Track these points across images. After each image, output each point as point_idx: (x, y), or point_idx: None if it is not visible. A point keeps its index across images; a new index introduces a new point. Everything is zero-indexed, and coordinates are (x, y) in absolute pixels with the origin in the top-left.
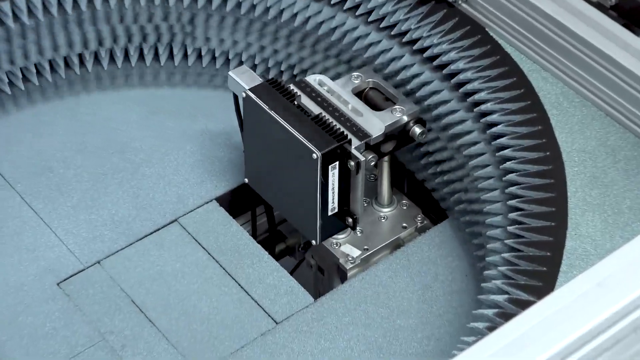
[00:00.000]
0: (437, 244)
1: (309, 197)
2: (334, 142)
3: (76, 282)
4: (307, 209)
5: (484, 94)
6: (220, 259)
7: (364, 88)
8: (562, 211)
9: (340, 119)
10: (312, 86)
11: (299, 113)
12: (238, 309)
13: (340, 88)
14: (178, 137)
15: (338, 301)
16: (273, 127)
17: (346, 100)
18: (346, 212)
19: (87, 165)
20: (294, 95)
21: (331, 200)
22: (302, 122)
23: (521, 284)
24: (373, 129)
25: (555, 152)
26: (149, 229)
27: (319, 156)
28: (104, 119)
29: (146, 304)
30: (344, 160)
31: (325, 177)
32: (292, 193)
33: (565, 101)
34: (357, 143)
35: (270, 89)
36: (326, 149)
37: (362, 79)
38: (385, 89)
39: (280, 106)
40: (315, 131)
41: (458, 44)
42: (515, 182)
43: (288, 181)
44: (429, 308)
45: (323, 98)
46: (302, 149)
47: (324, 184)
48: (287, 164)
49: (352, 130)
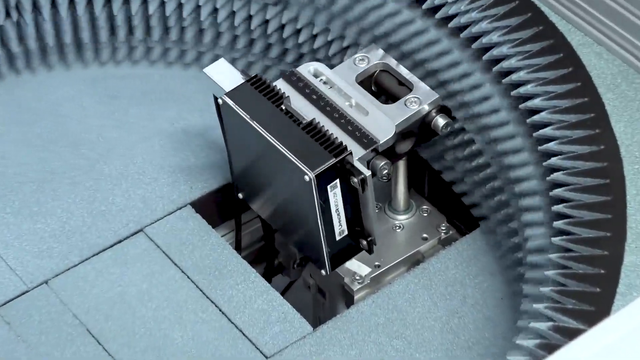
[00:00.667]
0: (465, 259)
1: (309, 223)
2: (330, 157)
3: (18, 306)
4: (310, 235)
5: (522, 74)
6: (197, 278)
7: (372, 72)
8: (619, 219)
9: (340, 122)
10: (305, 79)
11: (287, 122)
12: (219, 340)
13: (341, 78)
14: (143, 127)
15: (343, 330)
16: (257, 140)
17: (348, 94)
18: (359, 232)
19: (31, 162)
20: (281, 97)
21: (337, 224)
22: (291, 133)
23: (569, 309)
24: (381, 131)
25: (612, 146)
26: (108, 241)
27: (312, 178)
28: (52, 105)
29: (105, 334)
30: (347, 177)
31: (324, 200)
32: (291, 216)
33: (624, 82)
34: (361, 152)
35: (253, 91)
36: (320, 168)
37: (368, 60)
38: (397, 72)
39: (264, 114)
40: (307, 145)
41: (490, 11)
42: (562, 182)
43: (284, 203)
44: (455, 339)
45: (319, 95)
46: (292, 169)
47: (324, 208)
48: (279, 183)
49: (354, 137)
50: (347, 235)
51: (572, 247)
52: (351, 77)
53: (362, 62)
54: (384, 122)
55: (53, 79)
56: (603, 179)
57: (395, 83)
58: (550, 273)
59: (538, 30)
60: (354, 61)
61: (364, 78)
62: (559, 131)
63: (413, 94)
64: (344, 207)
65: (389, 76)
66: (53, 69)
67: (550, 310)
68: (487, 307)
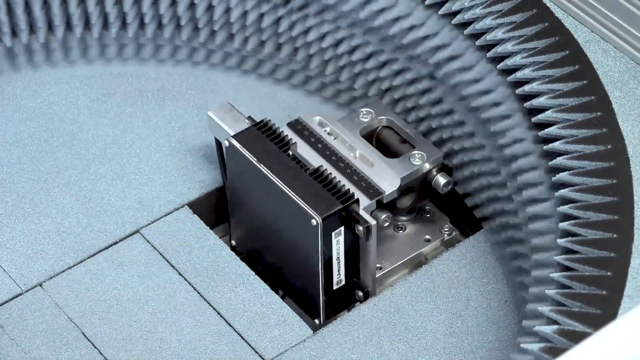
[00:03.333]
0: (468, 261)
1: (309, 269)
2: (338, 204)
3: (12, 309)
4: (308, 282)
5: (527, 72)
6: (194, 281)
7: (375, 127)
8: (627, 220)
9: (346, 171)
10: (310, 128)
11: (295, 167)
12: (217, 344)
13: (346, 130)
14: (139, 126)
15: (343, 333)
16: (262, 183)
17: (353, 145)
18: (355, 284)
19: (24, 162)
20: (287, 143)
21: (336, 273)
22: (299, 178)
23: (575, 312)
24: (386, 183)
25: (619, 145)
26: (103, 243)
27: (319, 222)
28: (46, 103)
29: (100, 338)
30: (351, 225)
31: (328, 246)
32: (288, 263)
33: (632, 80)
34: (366, 202)
35: (259, 134)
36: (328, 212)
37: (372, 115)
38: (400, 128)
39: (271, 158)
40: (314, 190)
41: (495, 7)
42: (567, 183)
43: (283, 249)
44: (459, 342)
45: (324, 144)
46: (298, 213)
47: (326, 255)
48: (281, 228)
49: (360, 186)
50: (344, 286)
51: (578, 248)
52: (355, 130)
53: (366, 116)
54: (389, 174)
55: (46, 77)
56: (610, 179)
57: (398, 140)
58: (555, 275)
59: (544, 27)
60: (359, 115)
61: (367, 132)
62: (565, 130)
63: (417, 150)
64: (345, 256)
65: (391, 132)
66: (47, 67)
67: (556, 313)
68: (491, 310)
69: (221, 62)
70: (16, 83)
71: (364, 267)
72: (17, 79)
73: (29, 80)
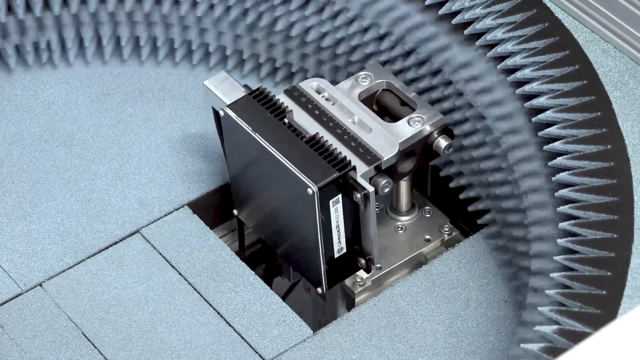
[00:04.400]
0: (468, 261)
1: (308, 238)
2: (334, 171)
3: (12, 309)
4: (308, 251)
5: (527, 72)
6: (195, 281)
7: (374, 91)
8: (626, 220)
9: (343, 137)
10: (307, 95)
11: (290, 135)
12: (217, 344)
13: (344, 95)
14: (139, 126)
15: (343, 334)
16: (259, 153)
17: (351, 110)
18: (357, 252)
19: (24, 162)
20: (284, 111)
21: (337, 241)
22: (294, 146)
23: (575, 312)
24: (384, 148)
25: (619, 145)
26: (103, 243)
27: (315, 191)
28: (46, 103)
29: (100, 338)
30: (349, 192)
31: (326, 214)
32: (289, 232)
33: (632, 80)
34: (364, 169)
35: (254, 103)
36: (324, 181)
37: (371, 79)
38: (400, 91)
39: (266, 126)
40: (310, 158)
41: (495, 7)
42: (567, 183)
43: (283, 218)
44: (459, 342)
45: (321, 111)
46: (294, 182)
47: (325, 223)
48: (279, 197)
49: (357, 153)
50: (346, 254)
51: (578, 248)
52: (354, 94)
53: (365, 80)
54: (388, 139)
55: (46, 77)
56: (610, 179)
57: (398, 103)
58: (555, 275)
59: (544, 27)
60: (357, 79)
61: (366, 96)
62: (565, 130)
63: (417, 113)
64: (345, 224)
65: (391, 95)
66: (46, 67)
67: (556, 313)
68: (491, 309)
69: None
70: (16, 83)
71: (365, 234)
72: (17, 79)
73: (29, 80)
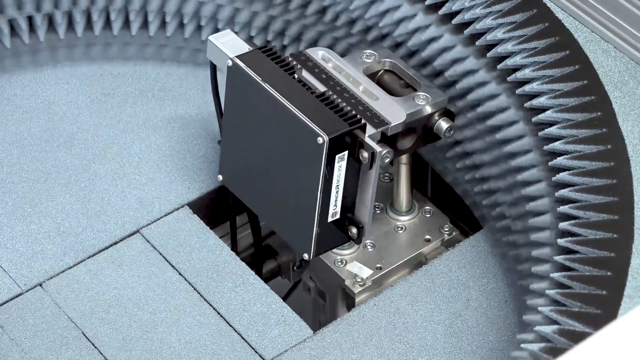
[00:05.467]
0: (468, 261)
1: (306, 196)
2: (345, 125)
3: (12, 309)
4: (301, 212)
5: (527, 72)
6: (195, 281)
7: (377, 70)
8: (627, 220)
9: (351, 101)
10: (314, 60)
11: (301, 88)
12: (217, 344)
13: (350, 66)
14: (140, 126)
15: (343, 334)
16: (266, 104)
17: (357, 80)
18: (350, 220)
19: (24, 162)
20: (292, 68)
21: (333, 202)
22: (305, 99)
23: (575, 312)
24: (392, 114)
25: (619, 145)
26: (103, 243)
27: (326, 141)
28: (45, 103)
29: (100, 338)
30: (355, 152)
31: (330, 170)
32: (283, 192)
33: (632, 80)
34: (371, 131)
35: (263, 57)
36: (335, 132)
37: (375, 58)
38: (404, 72)
39: (276, 79)
40: (321, 111)
41: (495, 7)
42: (567, 183)
43: (279, 176)
44: (459, 343)
45: (328, 75)
46: (303, 132)
47: (326, 181)
48: (281, 152)
49: (365, 116)
50: (338, 221)
51: (578, 248)
52: (358, 69)
53: (369, 58)
54: (395, 107)
55: (46, 77)
56: (610, 179)
57: (399, 84)
58: (555, 275)
59: (544, 27)
60: (361, 55)
61: (369, 74)
62: (565, 130)
63: (421, 91)
64: (344, 186)
65: (394, 76)
66: (47, 67)
67: (556, 313)
68: (491, 310)
69: None
70: (16, 83)
71: (361, 200)
72: (17, 78)
73: (29, 80)
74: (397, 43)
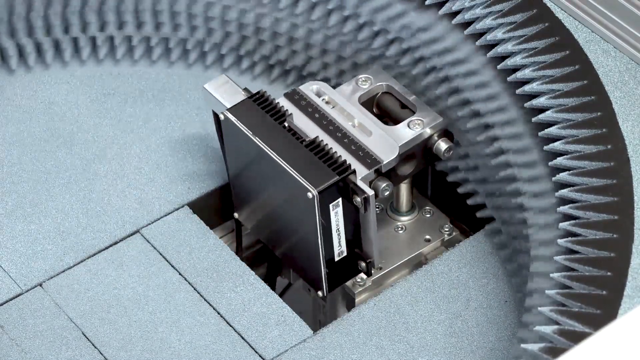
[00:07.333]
0: (469, 261)
1: (309, 242)
2: (334, 175)
3: (12, 309)
4: (309, 254)
5: (527, 72)
6: (195, 281)
7: (375, 94)
8: (626, 220)
9: (343, 141)
10: (307, 98)
11: (290, 138)
12: (217, 344)
13: (344, 98)
14: (140, 126)
15: (344, 334)
16: (259, 156)
17: (351, 114)
18: (358, 255)
19: (24, 162)
20: (283, 115)
21: (337, 244)
22: (294, 150)
23: (575, 312)
24: (384, 151)
25: (619, 145)
26: (103, 243)
27: (315, 195)
28: (46, 103)
29: (100, 338)
30: (349, 196)
31: (326, 218)
32: (290, 235)
33: (632, 80)
34: (364, 172)
35: (254, 107)
36: (323, 185)
37: (371, 82)
38: (400, 94)
39: (266, 130)
40: (310, 162)
41: (495, 7)
42: (567, 183)
43: (283, 221)
44: (459, 343)
45: (321, 114)
46: (294, 186)
47: (325, 227)
48: (279, 200)
49: (358, 156)
50: (346, 257)
51: (578, 248)
52: (354, 97)
53: (365, 83)
54: (388, 142)
55: (47, 77)
56: (610, 180)
57: (398, 105)
58: (555, 275)
59: (544, 27)
60: (357, 82)
61: (366, 99)
62: (565, 130)
63: (416, 116)
64: (345, 227)
65: (391, 98)
66: (47, 67)
67: (556, 313)
68: (491, 310)
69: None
70: (16, 83)
71: (365, 237)
72: (17, 79)
73: (29, 80)
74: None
